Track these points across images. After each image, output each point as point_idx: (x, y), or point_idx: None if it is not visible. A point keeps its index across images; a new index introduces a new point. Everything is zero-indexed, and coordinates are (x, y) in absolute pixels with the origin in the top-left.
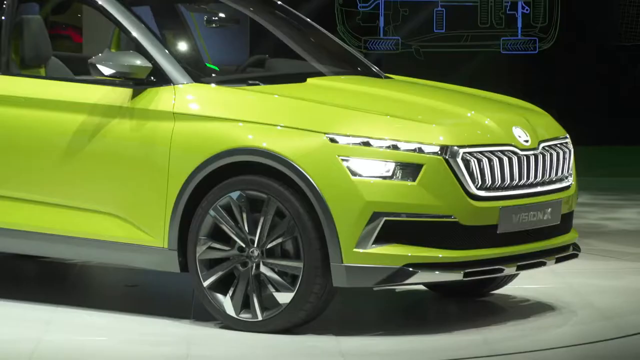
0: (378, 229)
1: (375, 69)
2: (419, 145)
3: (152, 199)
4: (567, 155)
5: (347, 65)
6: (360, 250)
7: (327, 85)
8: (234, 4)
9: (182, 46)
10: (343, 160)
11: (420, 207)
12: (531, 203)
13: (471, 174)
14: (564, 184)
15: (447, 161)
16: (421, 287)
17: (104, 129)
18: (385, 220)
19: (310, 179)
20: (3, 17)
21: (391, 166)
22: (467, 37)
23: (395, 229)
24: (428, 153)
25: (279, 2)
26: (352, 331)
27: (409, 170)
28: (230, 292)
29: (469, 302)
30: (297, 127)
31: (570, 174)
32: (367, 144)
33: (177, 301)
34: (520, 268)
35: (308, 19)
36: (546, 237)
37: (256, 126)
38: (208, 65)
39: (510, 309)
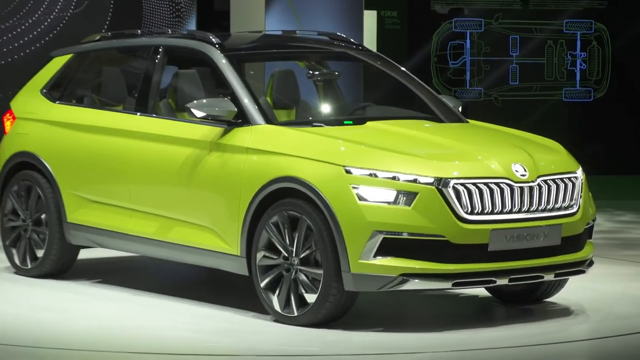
0: (378, 244)
1: (458, 114)
2: (415, 177)
3: (230, 216)
4: (571, 187)
5: (432, 111)
6: (364, 261)
7: (377, 127)
8: (365, 58)
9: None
10: (354, 187)
11: (414, 227)
12: (524, 227)
13: (461, 201)
14: (566, 212)
15: (439, 190)
16: (485, 292)
17: (203, 160)
18: (384, 238)
19: (328, 202)
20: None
21: (392, 193)
22: (536, 87)
23: (393, 245)
24: (423, 183)
25: (389, 59)
26: (371, 327)
27: (406, 197)
28: (277, 292)
29: (512, 306)
30: (324, 161)
31: (576, 203)
32: (374, 175)
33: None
34: (513, 280)
35: (410, 73)
36: (547, 255)
37: (296, 159)
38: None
39: (538, 313)
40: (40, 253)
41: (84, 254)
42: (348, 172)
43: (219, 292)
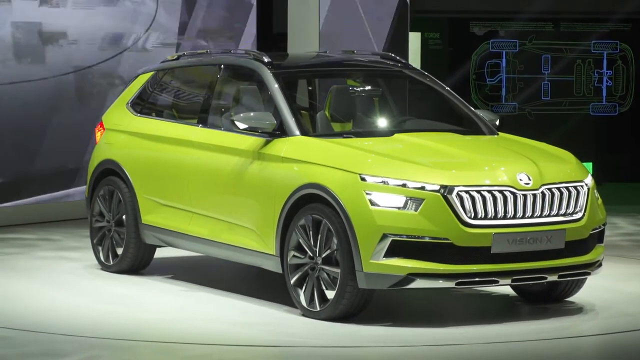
0: (387, 245)
1: (491, 128)
2: (422, 184)
3: (267, 219)
4: (575, 195)
5: (467, 124)
6: (375, 261)
7: (400, 139)
8: (419, 77)
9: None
10: (367, 194)
11: (421, 231)
12: (527, 231)
13: (464, 207)
14: (570, 217)
15: (444, 197)
16: (513, 292)
17: (247, 168)
18: (393, 240)
19: (344, 207)
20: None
21: (401, 199)
22: (566, 102)
23: (401, 246)
24: (429, 190)
25: (433, 77)
26: (380, 322)
27: (414, 203)
28: (304, 288)
29: (531, 305)
30: (343, 169)
31: (581, 209)
32: (385, 182)
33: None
34: (515, 281)
35: (451, 90)
36: (551, 258)
37: (320, 167)
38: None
39: (555, 310)
40: (120, 251)
41: (163, 253)
42: (363, 179)
43: (266, 288)
